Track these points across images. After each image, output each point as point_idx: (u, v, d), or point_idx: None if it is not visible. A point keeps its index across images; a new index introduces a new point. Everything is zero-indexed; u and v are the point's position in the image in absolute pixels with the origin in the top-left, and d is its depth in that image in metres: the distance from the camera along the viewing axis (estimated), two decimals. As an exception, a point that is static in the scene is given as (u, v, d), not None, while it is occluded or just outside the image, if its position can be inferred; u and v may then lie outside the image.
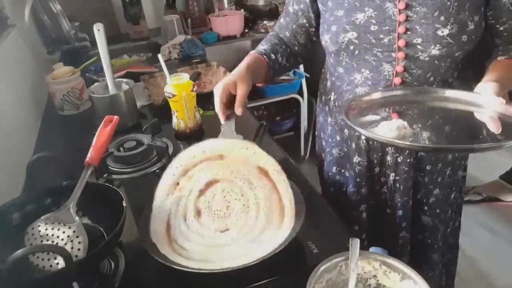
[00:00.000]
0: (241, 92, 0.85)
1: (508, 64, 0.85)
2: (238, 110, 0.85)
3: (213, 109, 1.32)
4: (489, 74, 0.82)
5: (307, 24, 1.01)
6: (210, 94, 1.39)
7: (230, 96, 0.86)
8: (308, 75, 2.41)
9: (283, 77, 2.41)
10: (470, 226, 2.03)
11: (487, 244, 1.95)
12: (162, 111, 1.27)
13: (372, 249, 0.66)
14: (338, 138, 1.03)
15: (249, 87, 0.86)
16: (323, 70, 1.12)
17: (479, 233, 2.01)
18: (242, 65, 0.92)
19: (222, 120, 0.86)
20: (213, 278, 0.69)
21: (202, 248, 0.72)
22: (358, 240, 0.62)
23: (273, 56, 1.00)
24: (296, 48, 1.06)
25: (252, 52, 1.01)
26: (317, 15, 0.98)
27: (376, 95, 0.87)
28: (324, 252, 0.72)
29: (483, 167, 2.37)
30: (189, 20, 2.25)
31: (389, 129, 0.73)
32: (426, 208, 1.04)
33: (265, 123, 1.01)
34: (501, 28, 0.88)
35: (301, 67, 2.46)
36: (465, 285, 1.75)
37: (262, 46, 1.03)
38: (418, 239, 1.08)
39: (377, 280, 0.64)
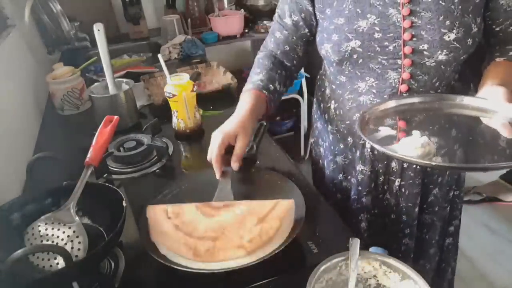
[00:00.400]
0: (240, 145, 0.83)
1: (509, 65, 0.84)
2: (234, 165, 0.83)
3: (213, 109, 1.34)
4: (492, 77, 0.81)
5: (308, 34, 0.97)
6: (210, 94, 1.40)
7: (228, 147, 0.84)
8: (308, 75, 2.41)
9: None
10: (470, 226, 2.03)
11: (487, 244, 1.95)
12: (162, 111, 1.27)
13: (372, 249, 0.66)
14: (341, 146, 1.02)
15: (249, 139, 0.85)
16: (318, 76, 1.10)
17: (479, 233, 2.01)
18: (244, 109, 0.88)
19: (218, 176, 0.84)
20: (213, 278, 0.69)
21: None
22: (358, 240, 0.62)
23: (271, 86, 0.95)
24: (294, 62, 1.02)
25: (250, 87, 0.94)
26: (317, 23, 0.95)
27: (389, 105, 0.85)
28: (324, 252, 0.72)
29: (483, 167, 2.37)
30: (189, 20, 2.25)
31: (414, 147, 0.70)
32: (425, 206, 1.04)
33: (265, 123, 1.01)
34: (497, 29, 0.87)
35: (301, 67, 2.45)
36: (465, 285, 1.75)
37: (258, 76, 0.96)
38: (417, 236, 1.07)
39: (377, 280, 0.64)
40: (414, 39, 0.82)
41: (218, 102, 1.38)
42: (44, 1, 1.83)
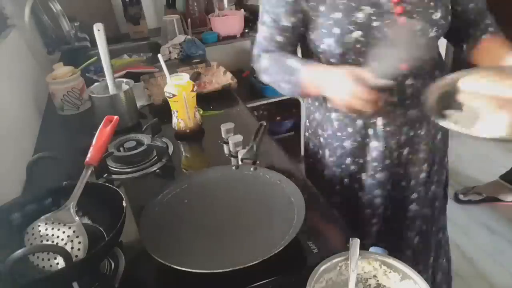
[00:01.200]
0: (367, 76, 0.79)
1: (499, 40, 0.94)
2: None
3: (213, 109, 1.34)
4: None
5: (304, 32, 0.98)
6: (210, 94, 1.40)
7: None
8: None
9: (283, 77, 2.41)
10: (470, 226, 2.03)
11: (487, 244, 1.95)
12: (162, 111, 1.27)
13: (372, 249, 0.66)
14: (350, 130, 1.03)
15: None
16: None
17: (479, 233, 2.01)
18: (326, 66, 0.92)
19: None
20: (213, 278, 0.69)
21: None
22: (358, 240, 0.63)
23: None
24: None
25: (301, 64, 0.94)
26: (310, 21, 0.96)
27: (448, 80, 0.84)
28: (324, 252, 0.72)
29: (483, 167, 2.37)
30: (189, 20, 2.25)
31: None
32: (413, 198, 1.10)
33: (264, 123, 1.01)
34: (459, 10, 0.96)
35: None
36: (465, 285, 1.75)
37: (292, 59, 0.96)
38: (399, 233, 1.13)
39: (377, 280, 0.64)
40: (408, 21, 0.88)
41: (218, 102, 1.38)
42: (44, 1, 1.83)
